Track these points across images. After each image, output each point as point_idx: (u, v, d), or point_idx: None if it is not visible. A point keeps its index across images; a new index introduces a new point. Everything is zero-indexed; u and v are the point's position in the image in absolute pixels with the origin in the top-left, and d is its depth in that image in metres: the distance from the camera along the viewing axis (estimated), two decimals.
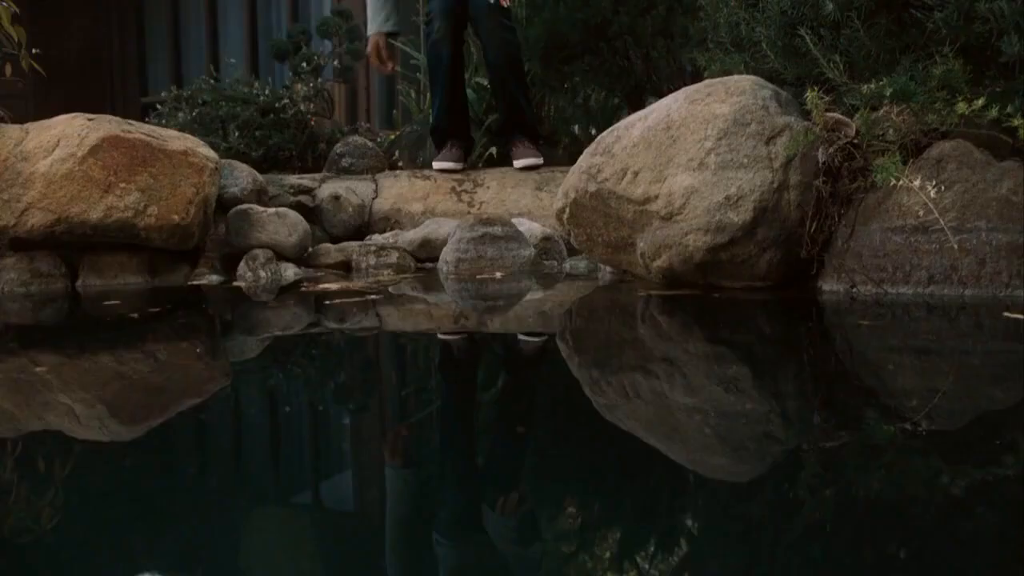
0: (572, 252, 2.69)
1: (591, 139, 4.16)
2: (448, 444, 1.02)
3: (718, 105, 1.91)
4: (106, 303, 2.16)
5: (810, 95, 1.80)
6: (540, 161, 3.23)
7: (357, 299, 2.02)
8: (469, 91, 3.62)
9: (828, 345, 1.58)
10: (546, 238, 2.68)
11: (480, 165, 3.52)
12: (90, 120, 2.52)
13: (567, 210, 2.21)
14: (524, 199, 3.03)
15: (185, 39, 8.75)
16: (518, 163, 3.22)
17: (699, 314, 1.85)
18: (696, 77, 4.13)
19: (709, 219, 1.85)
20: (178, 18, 8.76)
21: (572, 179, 2.17)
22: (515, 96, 3.28)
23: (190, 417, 1.14)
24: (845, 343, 1.56)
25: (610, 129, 2.16)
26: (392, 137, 4.47)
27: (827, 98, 1.84)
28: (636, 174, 1.99)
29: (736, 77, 1.99)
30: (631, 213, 2.02)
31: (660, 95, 4.20)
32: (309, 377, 1.39)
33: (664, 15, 3.66)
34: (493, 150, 3.61)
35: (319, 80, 5.00)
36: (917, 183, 1.69)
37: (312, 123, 4.52)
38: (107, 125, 2.49)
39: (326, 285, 2.23)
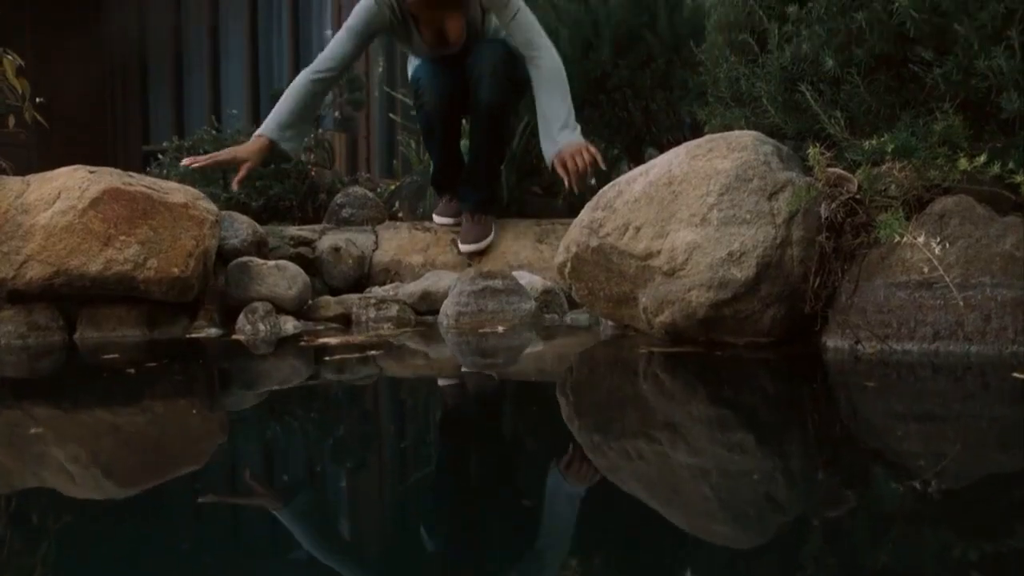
0: (573, 305, 2.68)
1: (591, 189, 4.19)
2: (445, 509, 1.00)
3: (720, 160, 1.92)
4: (104, 356, 2.15)
5: (812, 151, 1.81)
6: (487, 243, 3.10)
7: (357, 354, 2.00)
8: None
9: (833, 407, 1.55)
10: (547, 291, 2.67)
11: None
12: (91, 172, 2.52)
13: (568, 264, 2.20)
14: (524, 251, 3.03)
15: (187, 86, 8.83)
16: (463, 247, 3.09)
17: (702, 373, 1.83)
18: (695, 129, 4.17)
19: (712, 275, 1.84)
20: (180, 65, 8.85)
21: (574, 233, 2.17)
22: (489, 152, 3.17)
23: (185, 478, 1.11)
24: (850, 405, 1.54)
25: (611, 183, 2.16)
26: (392, 187, 4.48)
27: (828, 154, 1.84)
28: (638, 229, 1.99)
29: (737, 132, 2.00)
30: (633, 268, 2.01)
31: (659, 147, 4.24)
32: (307, 436, 1.37)
33: (663, 68, 3.69)
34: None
35: (319, 130, 5.04)
36: (921, 239, 1.68)
37: (313, 173, 4.54)
38: (108, 177, 2.49)
39: (325, 339, 2.21)
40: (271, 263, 2.64)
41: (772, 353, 1.89)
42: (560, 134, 2.75)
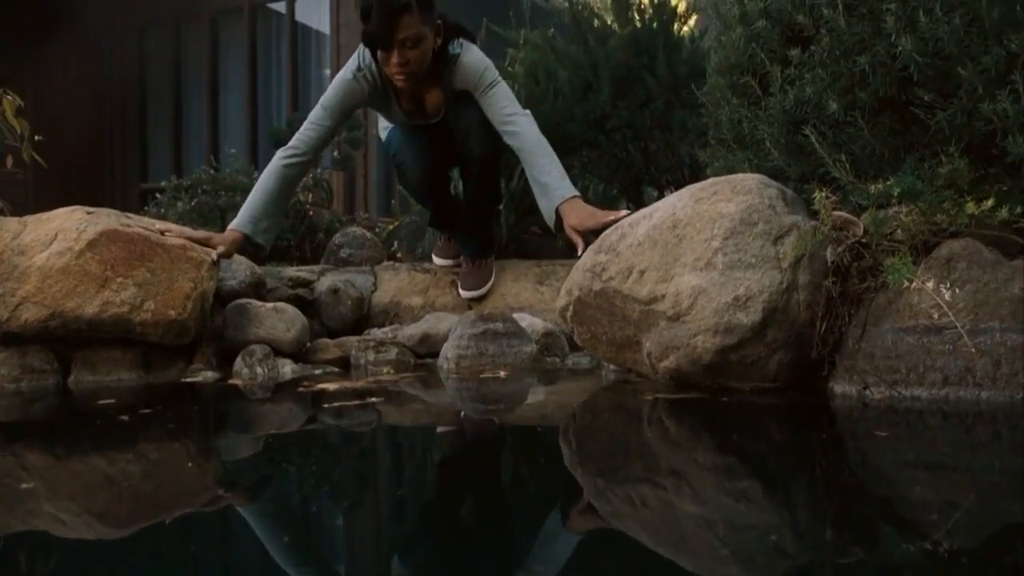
0: (573, 347, 2.65)
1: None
2: (446, 558, 0.96)
3: (724, 204, 1.90)
4: (98, 402, 2.11)
5: (818, 195, 1.79)
6: (488, 288, 3.07)
7: (357, 401, 1.96)
8: None
9: (842, 455, 1.52)
10: (547, 333, 2.65)
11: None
12: (89, 213, 2.50)
13: (571, 308, 2.18)
14: (525, 293, 3.01)
15: (186, 125, 8.87)
16: (464, 294, 3.07)
17: (707, 419, 1.79)
18: (694, 169, 4.17)
19: (718, 320, 1.82)
20: (179, 104, 8.89)
21: (576, 277, 2.15)
22: (484, 201, 3.14)
23: (181, 534, 1.08)
24: (860, 453, 1.51)
25: (615, 226, 2.14)
26: (390, 227, 4.47)
27: (833, 197, 1.82)
28: (642, 273, 1.97)
29: (741, 176, 1.99)
30: (637, 312, 1.98)
31: (658, 187, 4.24)
32: (305, 488, 1.33)
33: (663, 109, 3.71)
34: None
35: (318, 169, 5.04)
36: (931, 285, 1.66)
37: (311, 213, 4.54)
38: (106, 219, 2.47)
39: (324, 385, 2.18)
40: (269, 305, 2.61)
41: (779, 399, 1.86)
42: (561, 196, 2.56)
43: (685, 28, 4.10)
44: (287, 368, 2.48)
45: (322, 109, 2.78)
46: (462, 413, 2.00)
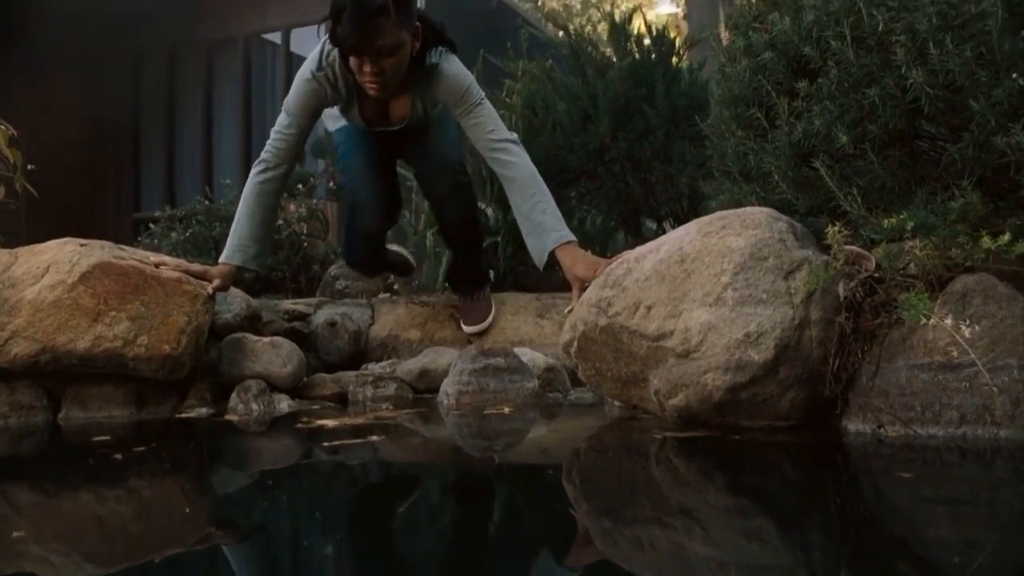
0: (576, 383, 2.60)
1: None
2: None
3: (734, 238, 1.86)
4: (89, 439, 2.04)
5: (831, 230, 1.76)
6: (491, 320, 3.01)
7: (358, 439, 1.90)
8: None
9: (858, 494, 1.47)
10: (549, 368, 2.59)
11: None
12: (82, 246, 2.45)
13: (575, 344, 2.13)
14: (525, 327, 2.96)
15: (179, 155, 8.84)
16: (468, 329, 3.01)
17: (718, 458, 1.74)
18: (692, 200, 4.15)
19: (729, 357, 1.77)
20: (173, 134, 8.86)
21: (581, 312, 2.10)
22: (468, 250, 3.07)
23: None
24: (875, 492, 1.46)
25: (619, 261, 2.10)
26: None
27: (845, 231, 1.79)
28: (649, 308, 1.93)
29: (750, 209, 1.95)
30: (644, 349, 1.94)
31: (657, 218, 4.21)
32: (305, 532, 1.28)
33: (662, 140, 3.69)
34: (490, 272, 3.57)
35: (314, 200, 5.01)
36: (949, 321, 1.62)
37: (305, 244, 4.49)
38: (99, 251, 2.42)
39: (323, 421, 2.12)
40: (265, 339, 2.56)
41: (791, 437, 1.81)
42: (559, 239, 2.46)
43: (684, 60, 4.09)
44: (283, 404, 2.43)
45: (286, 115, 2.63)
46: (465, 451, 1.94)
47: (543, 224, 2.47)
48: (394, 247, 3.36)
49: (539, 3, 21.43)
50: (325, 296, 3.70)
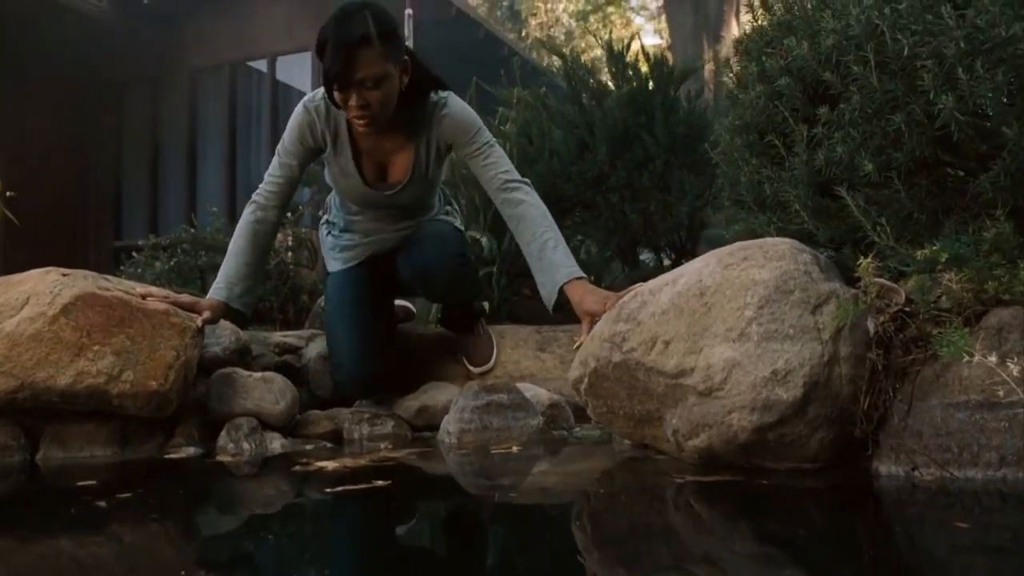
0: (579, 419, 2.50)
1: None
2: None
3: (757, 271, 1.78)
4: (69, 482, 1.92)
5: (864, 262, 1.67)
6: (496, 353, 2.92)
7: (363, 484, 1.77)
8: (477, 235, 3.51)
9: (893, 542, 1.37)
10: (553, 404, 2.49)
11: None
12: (64, 275, 2.33)
13: (585, 380, 2.03)
14: (525, 360, 2.86)
15: (163, 183, 8.72)
16: (476, 369, 2.91)
17: (743, 503, 1.64)
18: (691, 231, 4.08)
19: (755, 396, 1.68)
20: (156, 161, 8.74)
21: (592, 347, 2.00)
22: (462, 306, 2.94)
23: None
24: (910, 539, 1.38)
25: (632, 294, 2.01)
26: None
27: (874, 263, 1.71)
28: (667, 344, 1.83)
29: (772, 240, 1.87)
30: (662, 386, 1.84)
31: (655, 249, 4.14)
32: None
33: (661, 169, 3.61)
34: (484, 304, 3.47)
35: (301, 229, 4.89)
36: (994, 359, 1.53)
37: (293, 274, 4.38)
38: (83, 282, 2.30)
39: (322, 463, 1.99)
40: (257, 375, 2.43)
41: (820, 481, 1.72)
42: (569, 275, 2.34)
43: (678, 90, 4.04)
44: (276, 443, 2.30)
45: (277, 157, 2.56)
46: (479, 497, 1.83)
47: (553, 262, 2.37)
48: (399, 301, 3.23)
49: (523, 34, 21.56)
50: (315, 327, 3.58)
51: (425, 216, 2.84)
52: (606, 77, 3.97)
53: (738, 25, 14.42)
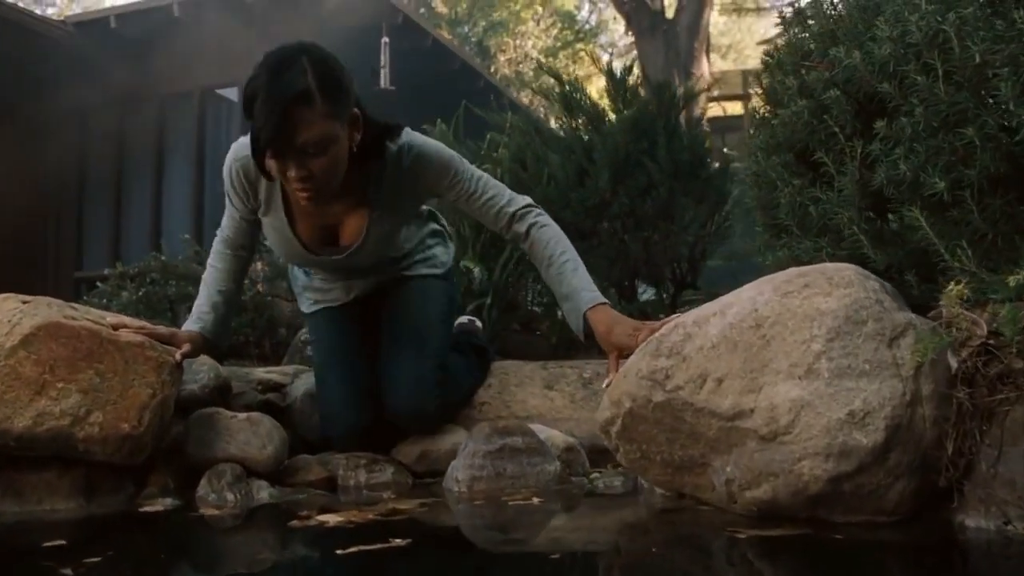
0: (593, 464, 2.28)
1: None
2: None
3: (822, 299, 1.58)
4: (28, 542, 1.65)
5: (955, 288, 1.48)
6: None
7: (379, 545, 1.50)
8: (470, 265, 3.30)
9: None
10: (568, 448, 2.26)
11: None
12: (25, 303, 2.07)
13: (619, 422, 1.81)
14: (532, 399, 2.63)
15: (127, 212, 8.40)
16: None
17: (824, 564, 1.42)
18: (692, 263, 3.90)
19: (830, 441, 1.47)
20: (120, 189, 8.44)
21: (627, 385, 1.78)
22: None
23: None
24: None
25: (671, 325, 1.79)
26: None
27: (964, 291, 1.52)
28: (719, 382, 1.62)
29: (833, 265, 1.67)
30: (714, 429, 1.63)
31: (656, 282, 3.95)
32: None
33: (665, 197, 3.43)
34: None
35: (280, 258, 4.65)
36: None
37: (269, 306, 4.12)
38: (46, 309, 2.04)
39: (323, 517, 1.73)
40: (241, 416, 2.18)
41: (900, 535, 1.51)
42: (591, 300, 2.08)
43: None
44: (264, 492, 2.05)
45: (227, 200, 2.25)
46: (522, 559, 1.58)
47: (573, 286, 2.11)
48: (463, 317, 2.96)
49: (492, 70, 21.55)
50: (295, 363, 3.33)
51: (399, 265, 2.47)
52: (605, 103, 3.80)
53: (708, 62, 14.51)
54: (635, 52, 14.34)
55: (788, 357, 1.55)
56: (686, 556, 1.56)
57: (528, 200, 2.25)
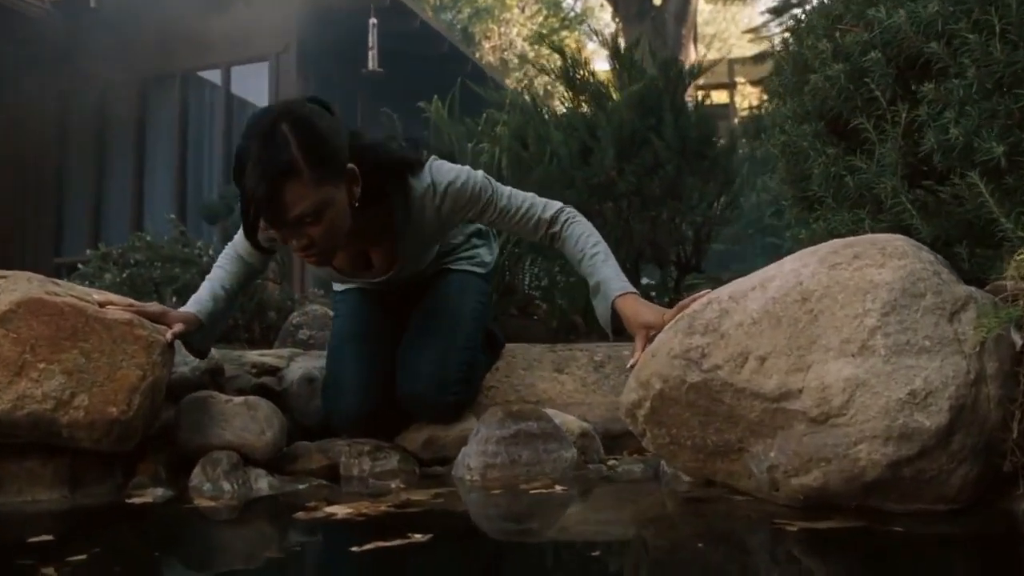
0: (608, 451, 2.16)
1: (578, 308, 3.71)
2: None
3: (875, 271, 1.46)
4: (7, 537, 1.51)
5: (1019, 259, 1.36)
6: None
7: (398, 541, 1.35)
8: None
9: None
10: (584, 434, 2.14)
11: None
12: (2, 278, 1.92)
13: (647, 405, 1.68)
14: (542, 383, 2.50)
15: (107, 196, 8.20)
16: None
17: (887, 561, 1.30)
18: (697, 245, 3.79)
19: (890, 423, 1.35)
20: (102, 173, 8.24)
21: (657, 366, 1.66)
22: None
23: None
24: None
25: (705, 300, 1.67)
26: None
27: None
28: (762, 360, 1.50)
29: (884, 236, 1.55)
30: (757, 411, 1.50)
31: (660, 265, 3.83)
32: None
33: (673, 175, 3.31)
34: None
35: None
36: None
37: (259, 289, 3.97)
38: (26, 284, 1.90)
39: (331, 509, 1.60)
40: (238, 400, 2.04)
41: (962, 526, 1.39)
42: (619, 289, 2.00)
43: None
44: (262, 482, 1.91)
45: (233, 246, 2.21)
46: (558, 552, 1.45)
47: (603, 276, 2.03)
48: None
49: (477, 57, 21.34)
50: (286, 347, 3.19)
51: (443, 260, 2.41)
52: (608, 78, 3.67)
53: (695, 49, 14.42)
54: (622, 40, 14.25)
55: (839, 333, 1.44)
56: (738, 553, 1.44)
57: (559, 204, 2.17)
